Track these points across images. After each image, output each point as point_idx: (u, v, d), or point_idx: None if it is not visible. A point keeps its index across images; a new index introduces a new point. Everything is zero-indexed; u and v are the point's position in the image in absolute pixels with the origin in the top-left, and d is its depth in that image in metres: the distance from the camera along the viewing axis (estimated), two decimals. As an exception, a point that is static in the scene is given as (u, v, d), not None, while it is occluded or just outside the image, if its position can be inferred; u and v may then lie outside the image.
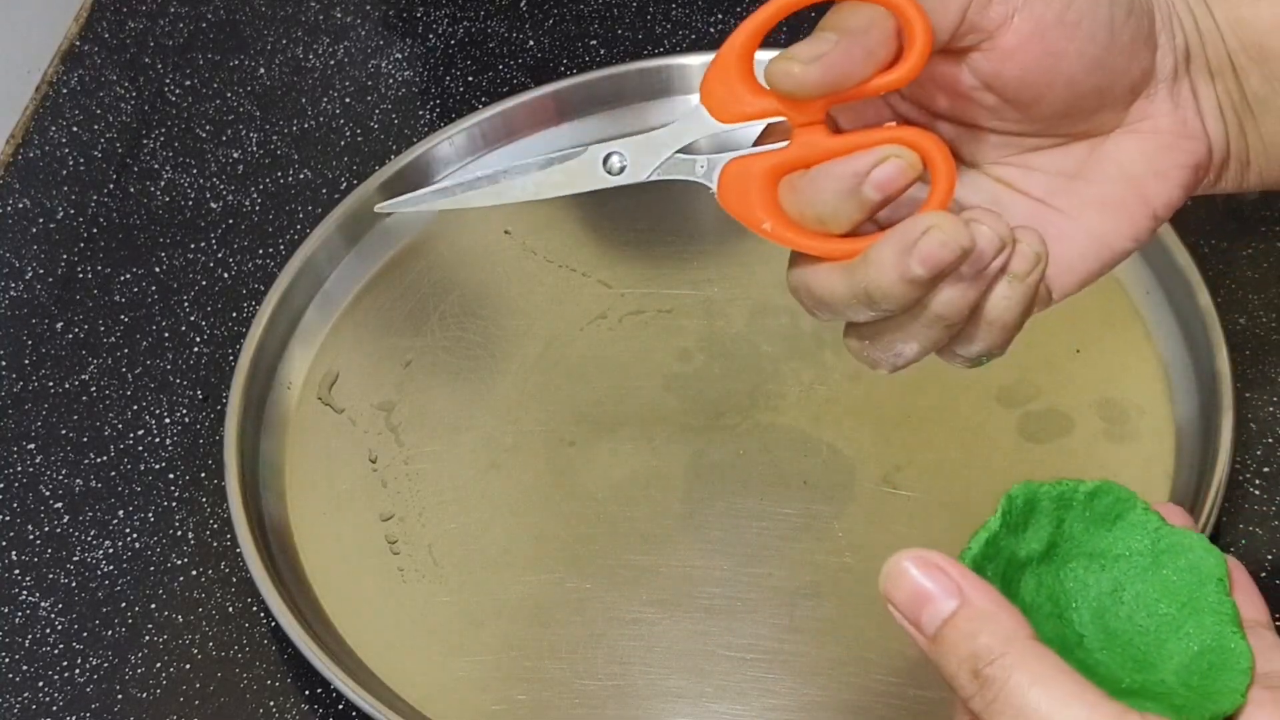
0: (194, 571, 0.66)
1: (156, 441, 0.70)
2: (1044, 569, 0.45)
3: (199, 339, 0.74)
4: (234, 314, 0.75)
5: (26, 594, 0.65)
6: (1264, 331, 0.69)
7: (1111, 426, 0.66)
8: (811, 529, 0.64)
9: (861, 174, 0.43)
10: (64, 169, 0.82)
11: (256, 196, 0.80)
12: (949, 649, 0.40)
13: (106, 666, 0.63)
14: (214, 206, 0.80)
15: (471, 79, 0.84)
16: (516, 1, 0.88)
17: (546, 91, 0.79)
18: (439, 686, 0.61)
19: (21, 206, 0.81)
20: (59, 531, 0.67)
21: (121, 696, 0.62)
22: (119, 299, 0.76)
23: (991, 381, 0.67)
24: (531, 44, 0.86)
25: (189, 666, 0.63)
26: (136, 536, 0.67)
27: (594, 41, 0.85)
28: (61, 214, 0.80)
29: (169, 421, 0.71)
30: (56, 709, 0.62)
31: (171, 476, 0.69)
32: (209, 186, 0.81)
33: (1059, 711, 0.38)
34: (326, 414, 0.70)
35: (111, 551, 0.66)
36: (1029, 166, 0.46)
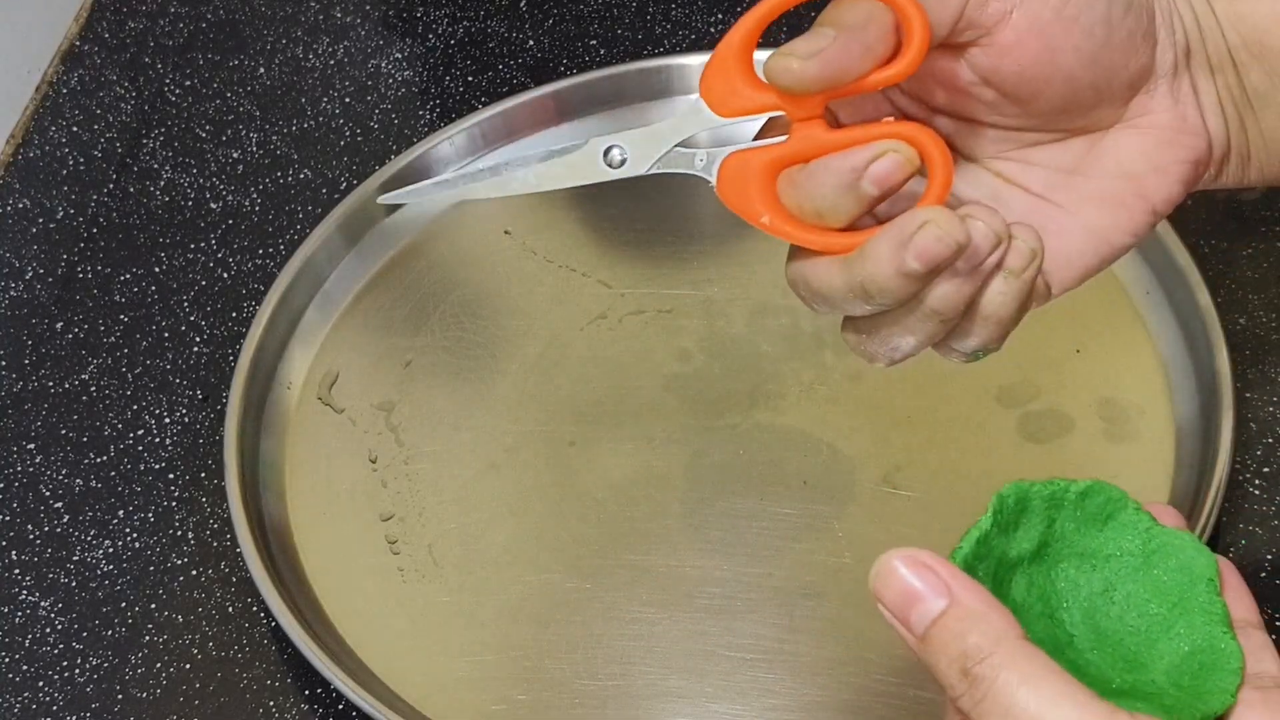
0: (194, 571, 0.66)
1: (156, 441, 0.70)
2: (1035, 569, 0.45)
3: (199, 339, 0.74)
4: (234, 314, 0.75)
5: (26, 594, 0.65)
6: (1264, 331, 0.69)
7: (1111, 426, 0.66)
8: (811, 529, 0.64)
9: (859, 169, 0.43)
10: (64, 169, 0.82)
11: (256, 196, 0.80)
12: (938, 648, 0.40)
13: (106, 666, 0.63)
14: (214, 206, 0.80)
15: (471, 79, 0.84)
16: (516, 1, 0.88)
17: (546, 91, 0.79)
18: (439, 686, 0.61)
19: (21, 206, 0.81)
20: (59, 531, 0.67)
21: (121, 696, 0.62)
22: (119, 299, 0.76)
23: (991, 381, 0.67)
24: (531, 44, 0.86)
25: (189, 666, 0.63)
26: (136, 536, 0.67)
27: (594, 41, 0.85)
28: (61, 214, 0.80)
29: (169, 421, 0.71)
30: (56, 709, 0.62)
31: (171, 476, 0.69)
32: (209, 186, 0.81)
33: (1048, 711, 0.38)
34: (326, 414, 0.70)
35: (111, 551, 0.66)
36: (1028, 161, 0.46)
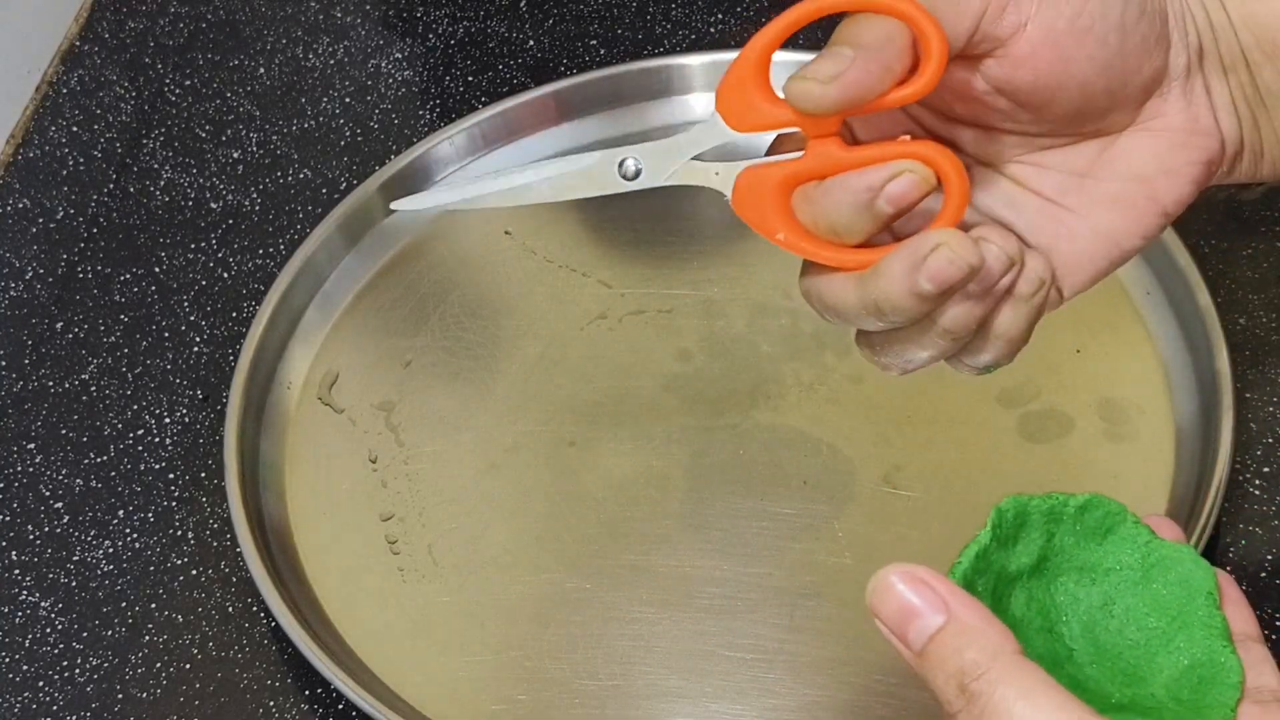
0: (194, 571, 0.66)
1: (156, 441, 0.70)
2: (1034, 583, 0.45)
3: (199, 339, 0.74)
4: (234, 314, 0.75)
5: (26, 594, 0.65)
6: (1264, 331, 0.69)
7: (1111, 426, 0.66)
8: (811, 529, 0.64)
9: (875, 188, 0.43)
10: (64, 169, 0.82)
11: (256, 196, 0.80)
12: (936, 664, 0.40)
13: (106, 666, 0.63)
14: (214, 206, 0.80)
15: (471, 79, 0.84)
16: (516, 1, 0.88)
17: (546, 91, 0.79)
18: (439, 686, 0.61)
19: (21, 206, 0.81)
20: (59, 531, 0.67)
21: (121, 696, 0.62)
22: (119, 299, 0.76)
23: (991, 382, 0.67)
24: (531, 44, 0.86)
25: (189, 666, 0.63)
26: (136, 536, 0.67)
27: (594, 41, 0.85)
28: (61, 214, 0.80)
29: (169, 421, 0.71)
30: (56, 709, 0.62)
31: (171, 476, 0.69)
32: (209, 186, 0.81)
33: None
34: (326, 414, 0.70)
35: (111, 551, 0.66)
36: (1041, 165, 0.47)
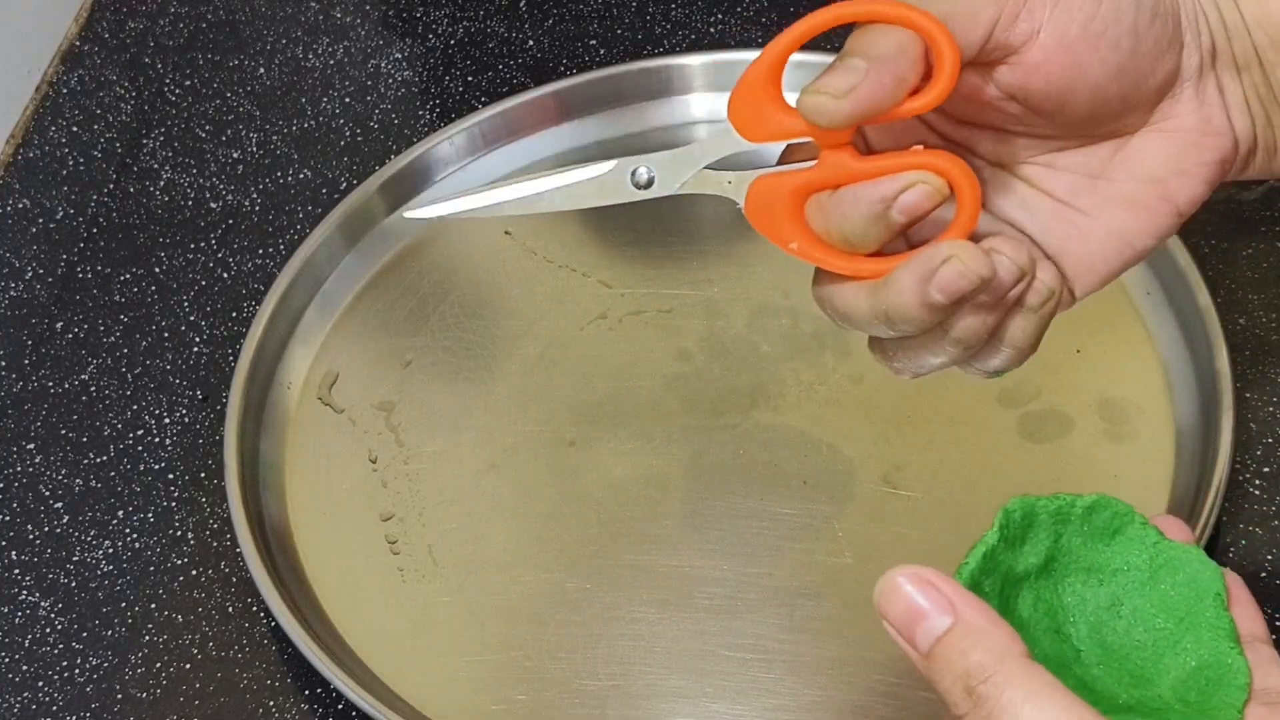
0: (194, 571, 0.66)
1: (156, 441, 0.70)
2: (1042, 584, 0.45)
3: (199, 339, 0.74)
4: (234, 314, 0.75)
5: (26, 594, 0.65)
6: (1264, 331, 0.69)
7: (1111, 426, 0.66)
8: (811, 529, 0.64)
9: (889, 199, 0.44)
10: (64, 169, 0.82)
11: (256, 196, 0.80)
12: (943, 666, 0.40)
13: (106, 666, 0.63)
14: (214, 206, 0.80)
15: (471, 79, 0.84)
16: (516, 1, 0.88)
17: (546, 91, 0.79)
18: (439, 686, 0.61)
19: (21, 206, 0.81)
20: (59, 531, 0.67)
21: (121, 696, 0.62)
22: (119, 299, 0.76)
23: (991, 382, 0.67)
24: (531, 44, 0.86)
25: (189, 666, 0.63)
26: (136, 536, 0.67)
27: (594, 41, 0.85)
28: (61, 214, 0.80)
29: (169, 421, 0.71)
30: (56, 709, 0.62)
31: (171, 476, 0.69)
32: (209, 186, 0.81)
33: None
34: (326, 414, 0.70)
35: (111, 551, 0.66)
36: (1055, 166, 0.47)
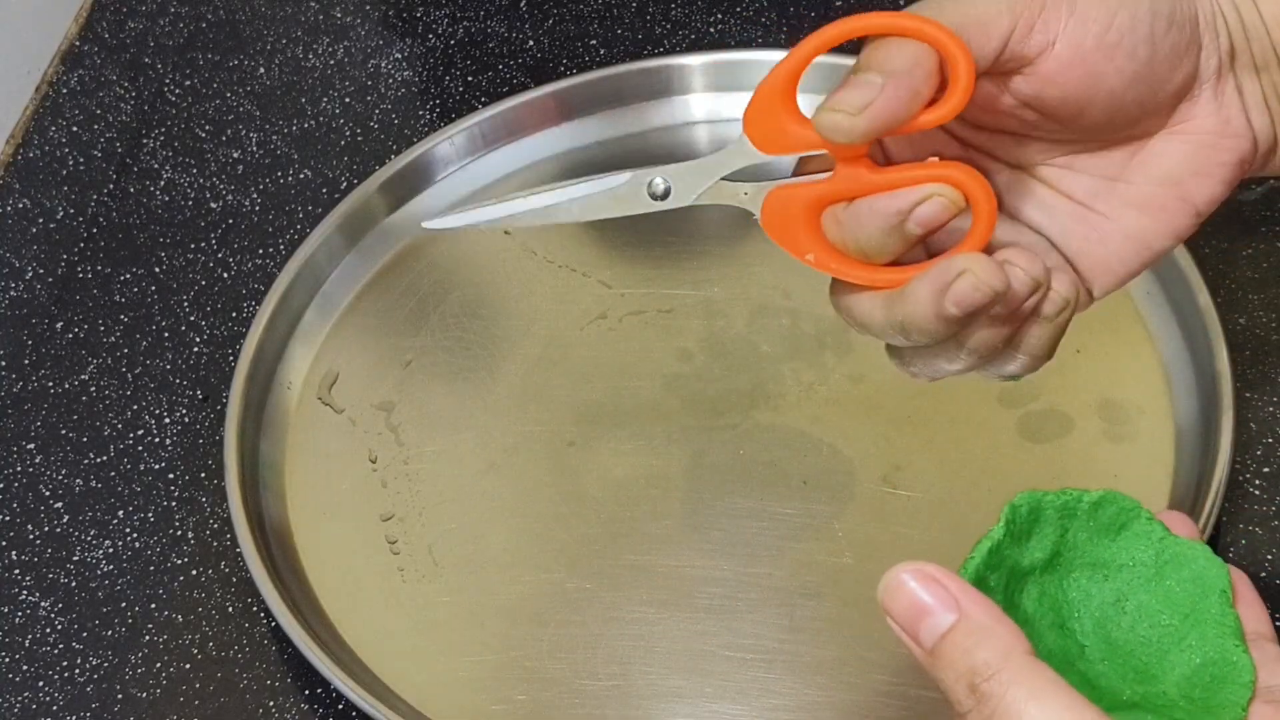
0: (194, 571, 0.66)
1: (156, 441, 0.70)
2: (1047, 578, 0.45)
3: (199, 339, 0.74)
4: (234, 314, 0.75)
5: (26, 594, 0.65)
6: (1264, 331, 0.69)
7: (1111, 426, 0.66)
8: (811, 529, 0.64)
9: (905, 211, 0.44)
10: (64, 169, 0.82)
11: (256, 196, 0.80)
12: (946, 663, 0.40)
13: (106, 666, 0.63)
14: (214, 206, 0.80)
15: (471, 79, 0.84)
16: (516, 1, 0.88)
17: (546, 91, 0.79)
18: (439, 686, 0.61)
19: (21, 206, 0.81)
20: (59, 531, 0.67)
21: (121, 696, 0.62)
22: (119, 299, 0.76)
23: (992, 382, 0.67)
24: (531, 44, 0.86)
25: (189, 666, 0.63)
26: (136, 536, 0.67)
27: (594, 41, 0.85)
28: (61, 214, 0.80)
29: (169, 421, 0.71)
30: (56, 709, 0.62)
31: (171, 476, 0.69)
32: (209, 186, 0.81)
33: None
34: (326, 414, 0.70)
35: (111, 551, 0.66)
36: (1073, 168, 0.47)
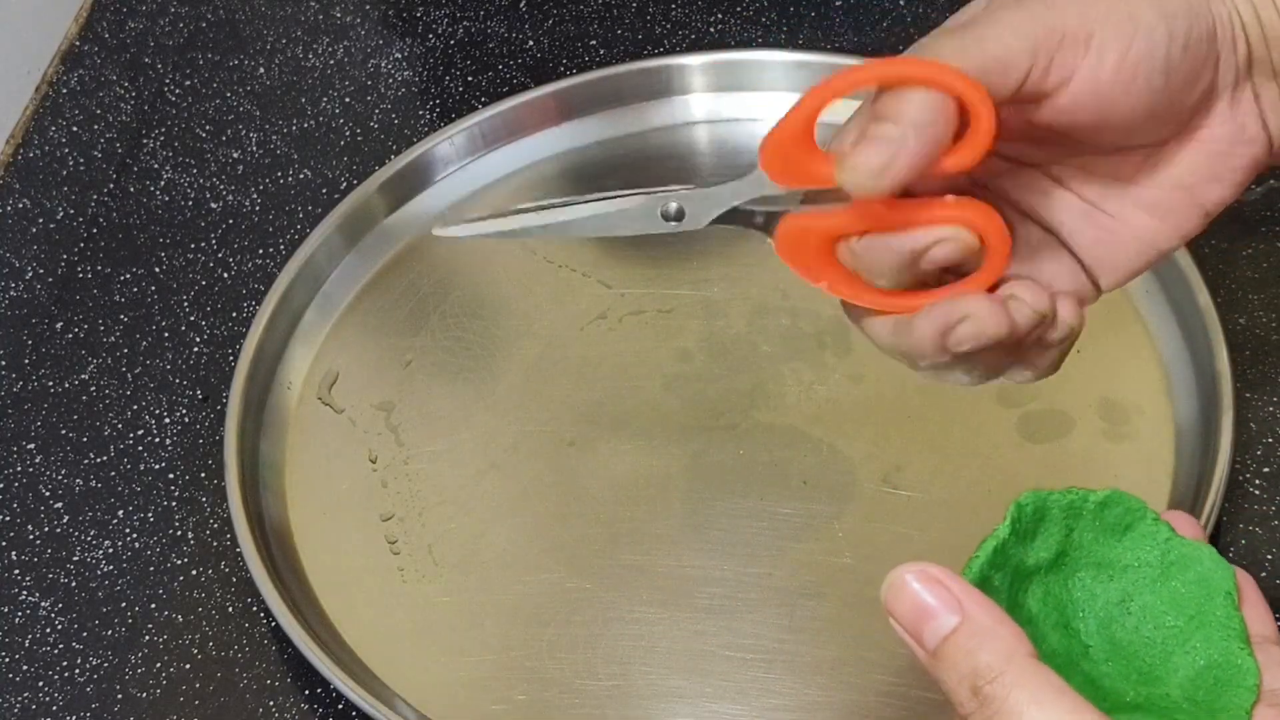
0: (194, 571, 0.66)
1: (156, 441, 0.70)
2: (1052, 578, 0.45)
3: (199, 339, 0.74)
4: (234, 314, 0.75)
5: (26, 594, 0.65)
6: (1264, 331, 0.69)
7: (1111, 426, 0.66)
8: (811, 529, 0.64)
9: (919, 252, 0.44)
10: (64, 169, 0.82)
11: (256, 196, 0.80)
12: (949, 665, 0.40)
13: (106, 666, 0.63)
14: (214, 206, 0.80)
15: (471, 79, 0.84)
16: (516, 1, 0.88)
17: (546, 91, 0.79)
18: (439, 686, 0.61)
19: (21, 206, 0.81)
20: (59, 531, 0.67)
21: (121, 696, 0.62)
22: (119, 299, 0.76)
23: (992, 382, 0.67)
24: (531, 44, 0.86)
25: (189, 666, 0.63)
26: (136, 536, 0.67)
27: (594, 41, 0.85)
28: (61, 214, 0.80)
29: (169, 421, 0.71)
30: (56, 709, 0.62)
31: (171, 476, 0.69)
32: (209, 186, 0.81)
33: None
34: (326, 414, 0.70)
35: (111, 551, 0.66)
36: (1086, 169, 0.47)
